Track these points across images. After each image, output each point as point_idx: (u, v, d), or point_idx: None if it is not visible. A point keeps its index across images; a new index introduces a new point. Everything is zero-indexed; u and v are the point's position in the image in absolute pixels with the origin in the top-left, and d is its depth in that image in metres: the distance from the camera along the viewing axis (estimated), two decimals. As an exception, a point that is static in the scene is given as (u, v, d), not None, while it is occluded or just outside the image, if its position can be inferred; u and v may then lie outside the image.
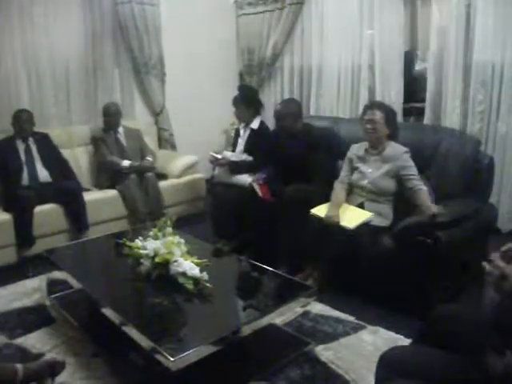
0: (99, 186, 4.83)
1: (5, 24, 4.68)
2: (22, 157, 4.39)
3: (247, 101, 4.45)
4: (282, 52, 5.84)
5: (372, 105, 3.58)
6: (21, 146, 4.43)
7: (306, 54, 5.63)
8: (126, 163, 4.72)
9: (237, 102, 4.50)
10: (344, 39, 5.15)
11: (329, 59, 5.35)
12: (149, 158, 4.88)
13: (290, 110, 3.97)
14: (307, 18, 5.53)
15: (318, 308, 3.20)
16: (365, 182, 3.47)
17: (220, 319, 2.50)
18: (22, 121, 4.39)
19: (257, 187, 3.93)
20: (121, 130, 4.99)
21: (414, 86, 5.24)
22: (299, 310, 3.10)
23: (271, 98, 6.04)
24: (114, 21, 5.37)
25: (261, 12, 5.86)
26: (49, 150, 4.58)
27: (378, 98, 4.86)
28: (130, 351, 2.55)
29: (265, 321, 2.44)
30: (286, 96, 5.88)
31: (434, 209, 3.06)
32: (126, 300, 2.77)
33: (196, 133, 5.77)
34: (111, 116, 4.90)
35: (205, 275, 2.59)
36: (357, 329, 2.97)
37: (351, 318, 3.08)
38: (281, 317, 2.83)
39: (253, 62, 6.07)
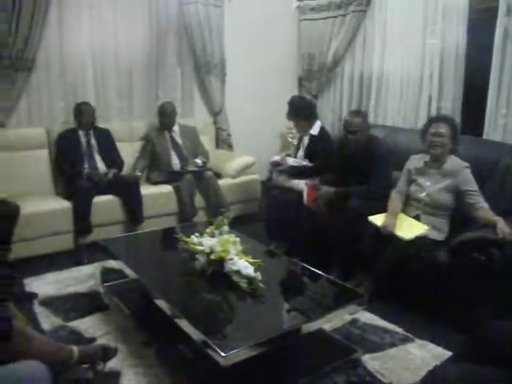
0: (150, 181, 4.94)
1: (75, 20, 4.85)
2: (84, 148, 4.55)
3: (302, 113, 4.44)
4: (343, 58, 5.81)
5: (438, 118, 3.54)
6: (83, 138, 4.59)
7: (366, 61, 5.58)
8: (175, 167, 4.83)
9: (292, 116, 4.50)
10: (406, 48, 5.07)
11: (390, 67, 5.28)
12: (198, 160, 4.93)
13: (363, 123, 3.91)
14: (370, 26, 5.48)
15: (366, 316, 3.19)
16: (422, 195, 3.43)
17: (270, 320, 2.52)
18: (84, 113, 4.56)
19: (305, 192, 3.95)
20: (176, 128, 5.08)
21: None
22: (348, 317, 3.10)
23: (330, 104, 6.03)
24: (179, 20, 5.47)
25: (323, 18, 5.85)
26: (108, 145, 4.73)
27: (436, 108, 4.79)
28: (180, 343, 2.60)
29: (314, 325, 2.44)
30: (345, 102, 5.86)
31: (503, 226, 2.99)
32: (180, 293, 2.82)
33: (253, 134, 5.83)
34: (167, 116, 5.00)
35: (258, 275, 2.61)
36: (404, 341, 2.94)
37: (399, 330, 3.06)
38: (329, 322, 2.83)
39: (313, 68, 6.07)
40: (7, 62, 4.47)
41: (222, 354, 2.02)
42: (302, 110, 4.47)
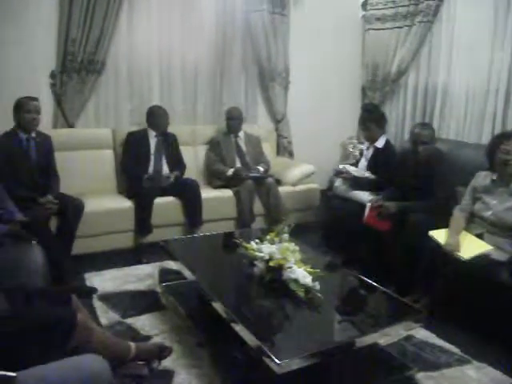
0: (211, 184, 5.00)
1: (143, 24, 4.99)
2: (152, 150, 4.66)
3: (377, 120, 4.40)
4: (408, 69, 5.73)
5: (511, 134, 3.40)
6: (152, 140, 4.70)
7: (432, 73, 5.47)
8: (230, 172, 4.86)
9: (366, 121, 4.46)
10: (473, 60, 4.95)
11: (455, 80, 5.18)
12: (260, 168, 4.97)
13: (432, 136, 3.85)
14: (436, 37, 5.38)
15: (422, 334, 3.11)
16: (487, 214, 3.32)
17: (325, 331, 2.51)
18: (158, 116, 4.67)
19: (367, 209, 3.90)
20: (241, 134, 5.14)
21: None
22: (403, 333, 3.03)
23: (393, 115, 5.94)
24: (245, 27, 5.53)
25: (389, 28, 5.80)
26: (173, 148, 4.83)
27: (501, 124, 4.67)
28: (234, 347, 2.61)
29: (369, 339, 2.40)
30: (408, 115, 5.78)
31: None
32: (237, 297, 2.84)
33: (313, 143, 5.83)
34: (234, 120, 5.06)
35: (316, 285, 2.60)
36: (461, 362, 2.85)
37: (456, 350, 2.97)
38: (385, 337, 2.78)
39: (376, 78, 6.01)
40: (79, 65, 4.64)
41: (277, 362, 2.01)
42: (377, 116, 4.43)
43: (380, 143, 4.39)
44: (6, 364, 1.39)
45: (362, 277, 3.01)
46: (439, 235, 3.34)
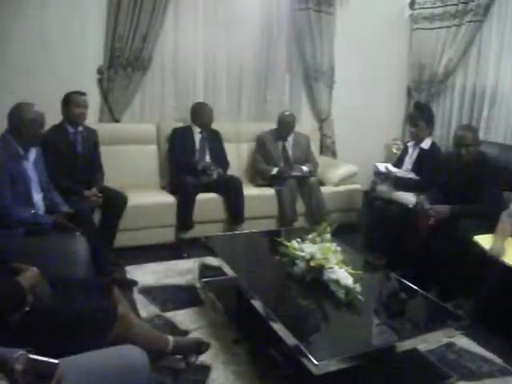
0: (253, 182, 5.01)
1: (190, 21, 5.03)
2: (197, 145, 4.70)
3: (427, 119, 4.32)
4: (455, 70, 5.62)
5: None
6: (197, 136, 4.73)
7: (480, 74, 5.35)
8: (274, 171, 4.85)
9: (416, 119, 4.38)
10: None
11: (505, 81, 5.05)
12: (304, 168, 4.93)
13: (475, 138, 3.75)
14: (486, 37, 5.26)
15: (463, 341, 3.03)
16: (536, 220, 3.23)
17: (365, 334, 2.48)
18: (202, 113, 4.70)
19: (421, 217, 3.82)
20: (290, 138, 5.11)
21: None
22: (444, 340, 2.97)
23: (438, 117, 5.82)
24: (290, 26, 5.52)
25: (437, 28, 5.70)
26: (217, 146, 4.85)
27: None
28: (271, 346, 2.61)
29: (408, 344, 2.37)
30: (455, 116, 5.67)
31: None
32: (276, 296, 2.83)
33: (357, 143, 5.77)
34: (286, 128, 5.03)
35: (357, 287, 2.57)
36: (504, 373, 2.76)
37: (499, 360, 2.87)
38: (425, 343, 2.73)
39: (423, 78, 5.91)
40: (125, 61, 4.70)
41: (315, 362, 1.99)
42: (428, 116, 4.35)
43: (426, 144, 4.31)
44: (49, 352, 1.41)
45: (404, 280, 2.95)
46: (485, 240, 3.26)
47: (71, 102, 3.88)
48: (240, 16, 5.23)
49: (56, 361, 1.39)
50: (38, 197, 3.24)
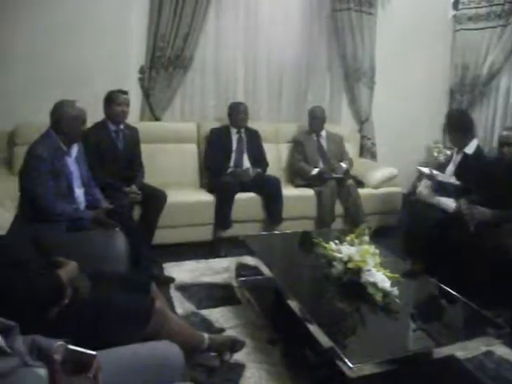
0: (292, 183, 4.99)
1: (231, 20, 5.08)
2: (234, 145, 4.70)
3: (462, 127, 4.20)
4: (500, 72, 5.49)
5: None
6: (234, 136, 4.74)
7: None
8: (314, 171, 4.82)
9: (450, 128, 4.29)
10: None
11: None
12: (343, 164, 4.89)
13: None
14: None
15: (502, 350, 2.93)
16: None
17: (401, 338, 2.43)
18: (239, 112, 4.70)
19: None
20: (323, 133, 5.09)
21: None
22: (482, 349, 2.89)
23: (482, 120, 5.72)
24: (331, 26, 5.50)
25: (481, 28, 5.59)
26: (256, 145, 4.85)
27: None
28: (306, 347, 2.60)
29: (445, 351, 2.31)
30: (499, 119, 5.59)
31: None
32: (313, 297, 2.81)
33: (398, 145, 5.71)
34: (317, 119, 5.02)
35: (395, 290, 2.53)
36: (545, 385, 2.69)
37: (540, 373, 2.80)
38: (463, 351, 2.67)
39: (466, 80, 5.82)
40: (167, 61, 4.76)
41: (350, 365, 1.96)
42: (462, 124, 4.24)
43: (470, 149, 4.18)
44: (86, 345, 1.43)
45: (443, 285, 2.90)
46: None
47: (113, 101, 3.94)
48: (281, 16, 5.25)
49: (94, 352, 1.41)
50: (79, 192, 3.30)
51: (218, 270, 3.89)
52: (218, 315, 3.15)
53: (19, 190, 3.12)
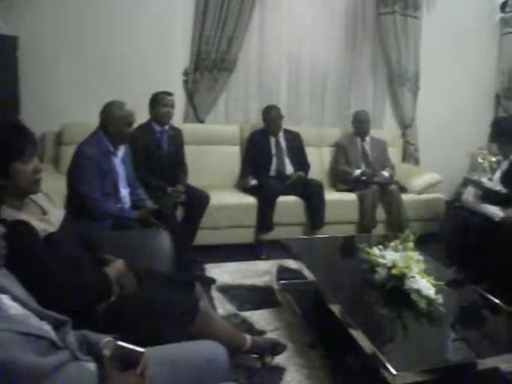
0: (335, 187, 4.96)
1: (274, 24, 5.10)
2: (273, 150, 4.70)
3: (509, 134, 4.10)
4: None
5: None
6: (272, 140, 4.74)
7: None
8: (356, 172, 4.80)
9: (496, 135, 4.19)
10: None
11: None
12: (385, 173, 4.85)
13: None
14: None
15: (550, 364, 2.88)
16: None
17: (445, 348, 2.38)
18: (272, 116, 4.68)
19: None
20: (367, 138, 5.05)
21: None
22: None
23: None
24: (375, 30, 5.46)
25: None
26: (297, 148, 4.83)
27: None
28: (347, 352, 2.59)
29: (490, 362, 2.25)
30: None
31: None
32: (355, 302, 2.78)
33: (441, 151, 5.62)
34: (362, 123, 4.99)
35: (439, 298, 2.49)
36: None
37: None
38: (507, 363, 2.60)
39: (513, 85, 5.69)
40: (211, 63, 4.81)
41: (394, 372, 1.94)
42: (507, 131, 4.13)
43: (517, 156, 4.11)
44: (132, 342, 1.46)
45: (487, 295, 2.83)
46: None
47: (158, 102, 4.00)
48: (324, 19, 5.24)
49: (142, 349, 1.43)
50: (124, 192, 3.35)
51: (258, 272, 3.90)
52: (258, 317, 3.16)
53: (67, 189, 3.19)
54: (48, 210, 1.94)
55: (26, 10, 4.37)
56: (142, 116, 3.95)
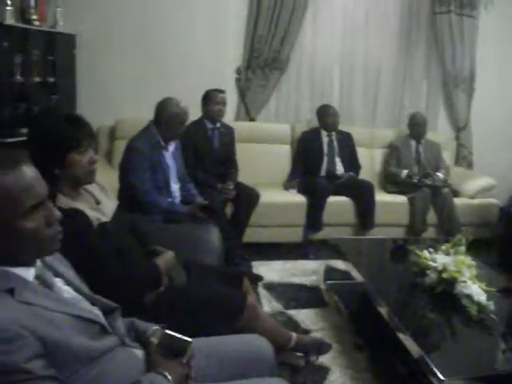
0: (385, 189, 4.89)
1: (327, 23, 5.07)
2: (325, 149, 4.69)
3: None
4: None
5: None
6: (324, 139, 4.73)
7: None
8: (403, 174, 4.73)
9: None
10: None
11: None
12: (439, 174, 4.76)
13: None
14: None
15: None
16: None
17: (496, 355, 2.32)
18: (328, 115, 4.68)
19: None
20: (423, 141, 4.96)
21: None
22: None
23: None
24: (430, 30, 5.34)
25: None
26: (348, 148, 4.80)
27: None
28: (394, 355, 2.55)
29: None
30: None
31: None
32: (404, 305, 2.75)
33: (496, 155, 5.47)
34: (419, 126, 4.90)
35: (491, 305, 2.44)
36: None
37: None
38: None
39: None
40: (263, 62, 4.83)
41: (441, 378, 1.90)
42: None
43: None
44: (180, 332, 1.48)
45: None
46: None
47: (211, 99, 4.05)
48: (378, 18, 5.17)
49: (189, 339, 1.45)
50: (175, 187, 3.41)
51: (306, 271, 3.89)
52: (304, 316, 3.16)
53: (119, 182, 3.26)
54: (102, 200, 1.98)
55: (84, 8, 4.51)
56: (194, 113, 4.00)
